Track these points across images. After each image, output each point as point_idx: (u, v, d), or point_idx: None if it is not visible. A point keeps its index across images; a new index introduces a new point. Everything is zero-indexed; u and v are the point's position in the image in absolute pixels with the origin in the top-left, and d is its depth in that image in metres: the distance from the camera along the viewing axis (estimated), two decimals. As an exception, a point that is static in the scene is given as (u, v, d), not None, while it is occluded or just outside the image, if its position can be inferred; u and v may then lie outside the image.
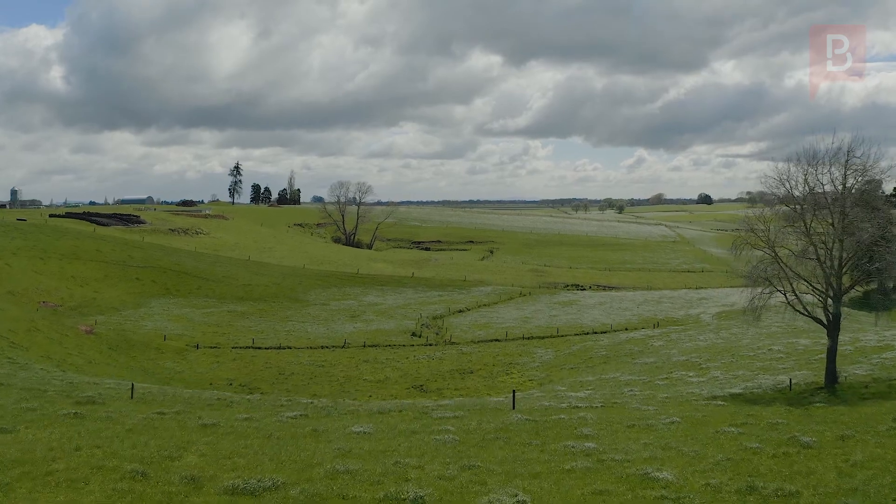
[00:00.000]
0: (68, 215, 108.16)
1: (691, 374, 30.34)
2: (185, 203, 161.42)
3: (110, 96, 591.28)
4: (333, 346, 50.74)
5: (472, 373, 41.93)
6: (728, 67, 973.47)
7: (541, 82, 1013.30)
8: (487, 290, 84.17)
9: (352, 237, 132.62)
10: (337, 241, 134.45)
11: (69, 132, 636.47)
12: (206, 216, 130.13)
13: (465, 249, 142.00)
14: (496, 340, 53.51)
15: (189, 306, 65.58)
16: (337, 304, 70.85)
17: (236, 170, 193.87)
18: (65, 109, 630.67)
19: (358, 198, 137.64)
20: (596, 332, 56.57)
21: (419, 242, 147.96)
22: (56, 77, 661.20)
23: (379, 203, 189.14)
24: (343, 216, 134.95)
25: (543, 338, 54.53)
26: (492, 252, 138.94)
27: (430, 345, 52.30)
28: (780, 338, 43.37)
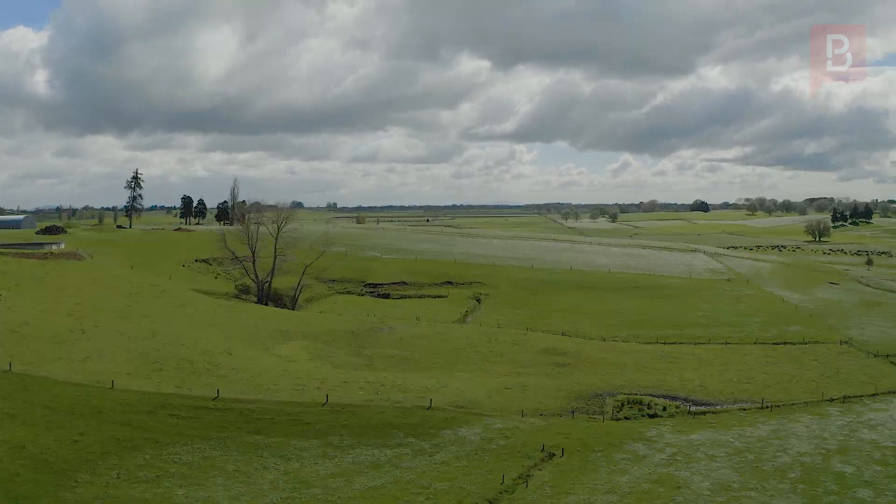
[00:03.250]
0: None
1: None
2: (47, 231, 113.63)
3: (94, 100, 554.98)
4: None
5: None
6: (715, 73, 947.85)
7: (528, 87, 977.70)
8: (474, 439, 40.85)
9: (265, 286, 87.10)
10: (244, 291, 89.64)
11: (51, 136, 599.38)
12: (44, 257, 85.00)
13: (441, 296, 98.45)
14: None
15: None
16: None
17: (135, 181, 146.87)
18: (48, 113, 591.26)
19: (278, 228, 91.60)
20: None
21: (375, 286, 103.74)
22: (40, 80, 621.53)
23: (360, 208, 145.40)
24: (254, 251, 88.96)
25: None
26: (479, 301, 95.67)
27: None
28: None
